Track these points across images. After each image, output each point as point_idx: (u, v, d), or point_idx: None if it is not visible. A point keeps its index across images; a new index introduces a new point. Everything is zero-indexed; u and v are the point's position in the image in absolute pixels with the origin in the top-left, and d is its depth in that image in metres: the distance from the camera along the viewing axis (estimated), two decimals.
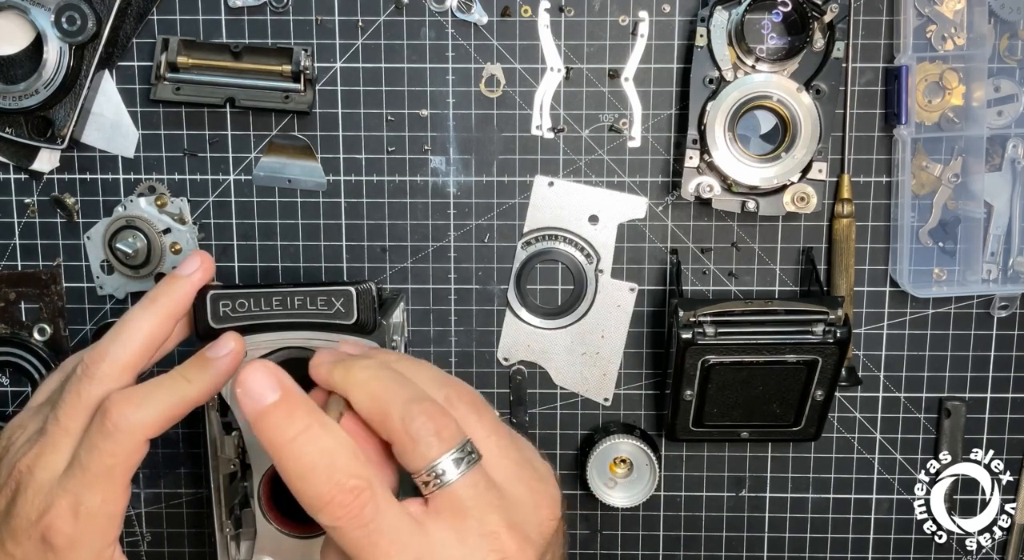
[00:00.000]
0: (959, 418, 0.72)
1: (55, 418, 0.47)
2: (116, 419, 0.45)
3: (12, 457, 0.48)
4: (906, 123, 0.66)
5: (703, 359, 0.64)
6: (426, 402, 0.43)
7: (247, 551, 0.61)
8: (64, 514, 0.45)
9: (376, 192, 0.70)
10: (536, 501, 0.44)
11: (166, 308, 0.51)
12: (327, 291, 0.54)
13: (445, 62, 0.69)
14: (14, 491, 0.47)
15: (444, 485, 0.42)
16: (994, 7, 0.66)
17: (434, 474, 0.42)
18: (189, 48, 0.68)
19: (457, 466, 0.42)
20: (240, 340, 0.50)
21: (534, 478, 0.45)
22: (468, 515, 0.42)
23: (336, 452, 0.42)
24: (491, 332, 0.72)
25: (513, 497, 0.44)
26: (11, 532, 0.46)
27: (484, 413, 0.45)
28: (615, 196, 0.70)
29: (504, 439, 0.45)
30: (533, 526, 0.44)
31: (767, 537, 0.75)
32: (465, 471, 0.42)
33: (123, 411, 0.45)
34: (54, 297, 0.72)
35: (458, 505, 0.42)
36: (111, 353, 0.48)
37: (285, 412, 0.42)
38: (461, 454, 0.42)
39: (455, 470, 0.42)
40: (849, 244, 0.69)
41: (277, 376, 0.43)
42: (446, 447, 0.42)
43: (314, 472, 0.41)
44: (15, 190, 0.71)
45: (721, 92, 0.65)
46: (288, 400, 0.42)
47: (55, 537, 0.45)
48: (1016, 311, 0.71)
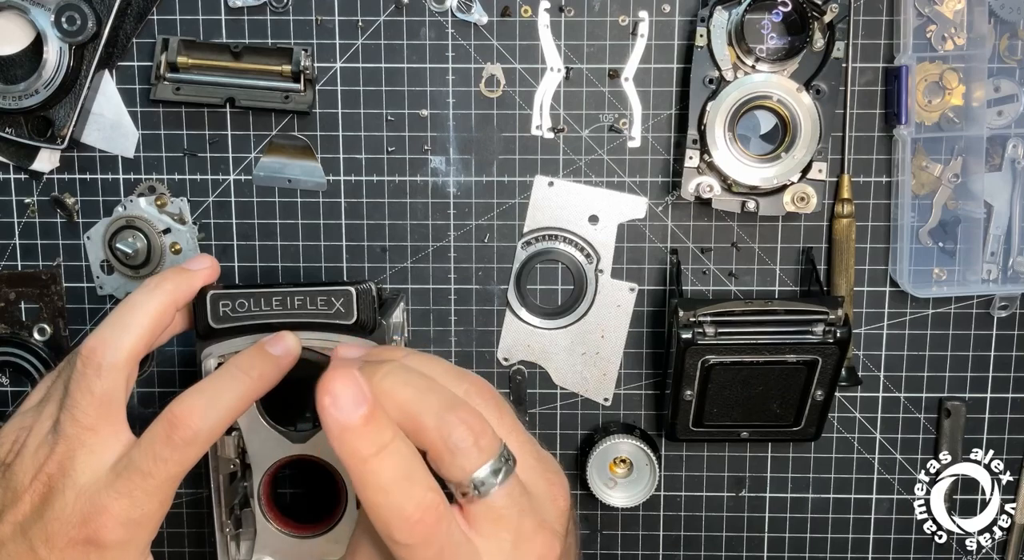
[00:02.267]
0: (959, 418, 0.72)
1: (73, 418, 0.46)
2: (185, 434, 0.45)
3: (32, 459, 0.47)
4: (906, 123, 0.66)
5: (703, 359, 0.64)
6: (461, 409, 0.41)
7: (247, 551, 0.61)
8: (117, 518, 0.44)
9: (376, 192, 0.70)
10: (553, 493, 0.44)
11: (171, 295, 0.50)
12: (327, 291, 0.54)
13: (445, 62, 0.69)
14: (44, 495, 0.45)
15: (485, 494, 0.40)
16: (994, 7, 0.66)
17: (473, 486, 0.40)
18: (189, 48, 0.68)
19: (495, 476, 0.40)
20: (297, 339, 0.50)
21: (549, 470, 0.44)
22: (505, 521, 0.41)
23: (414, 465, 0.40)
24: (491, 332, 0.72)
25: (537, 494, 0.43)
26: (46, 536, 0.45)
27: (504, 410, 0.44)
28: (615, 196, 0.70)
29: (523, 435, 0.44)
30: (555, 519, 0.43)
31: (767, 537, 0.75)
32: (503, 481, 0.40)
33: (192, 425, 0.45)
34: (54, 297, 0.72)
35: (495, 513, 0.41)
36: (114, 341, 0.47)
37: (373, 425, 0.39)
38: (499, 463, 0.40)
39: (494, 480, 0.40)
40: (849, 244, 0.69)
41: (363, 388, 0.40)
42: (486, 458, 0.40)
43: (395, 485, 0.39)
44: (15, 190, 0.71)
45: (721, 92, 0.65)
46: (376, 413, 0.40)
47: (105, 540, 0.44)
48: (1016, 311, 0.71)
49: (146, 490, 0.45)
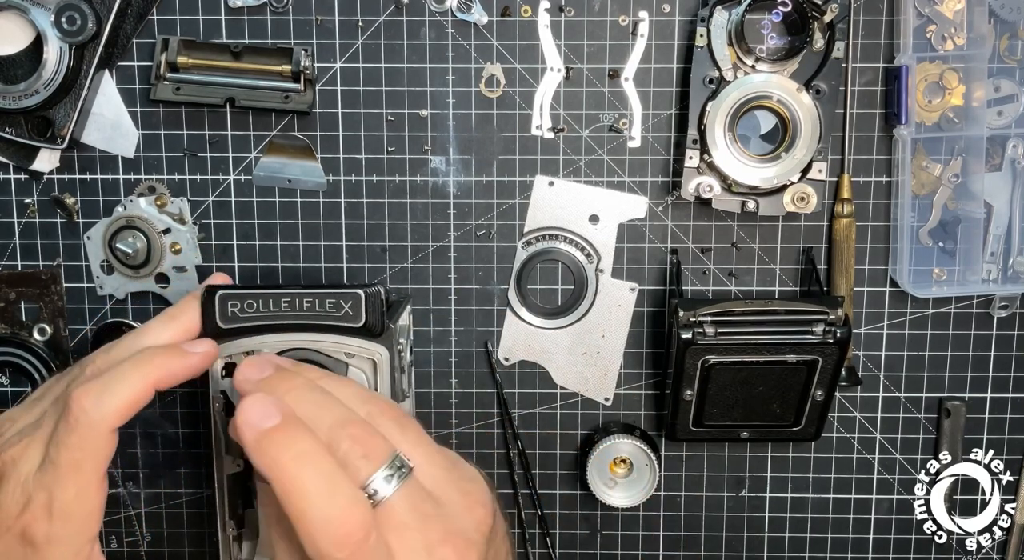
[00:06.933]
0: (959, 418, 0.72)
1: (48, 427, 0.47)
2: (77, 413, 0.45)
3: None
4: (906, 123, 0.66)
5: (703, 359, 0.64)
6: (351, 425, 0.43)
7: (249, 551, 0.61)
8: (40, 511, 0.45)
9: (376, 192, 0.70)
10: (468, 503, 0.45)
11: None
12: (336, 293, 0.54)
13: (445, 62, 0.69)
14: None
15: (380, 502, 0.42)
16: (994, 7, 0.66)
17: (367, 495, 0.42)
18: (189, 48, 0.68)
19: (388, 482, 0.42)
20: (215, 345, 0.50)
21: (464, 479, 0.46)
22: (409, 528, 0.42)
23: (338, 476, 0.41)
24: (491, 332, 0.72)
25: (447, 503, 0.44)
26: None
27: (408, 426, 0.46)
28: (615, 196, 0.70)
29: (430, 447, 0.46)
30: (471, 528, 0.44)
31: (767, 537, 0.75)
32: (398, 486, 0.42)
33: (83, 405, 0.45)
34: (54, 297, 0.72)
35: (398, 520, 0.42)
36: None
37: (286, 434, 0.41)
38: (391, 470, 0.42)
39: (387, 486, 0.42)
40: (849, 244, 0.69)
41: (277, 404, 0.43)
42: (375, 467, 0.42)
43: (317, 493, 0.40)
44: (15, 190, 0.71)
45: (721, 92, 0.65)
46: (289, 423, 0.42)
47: (33, 534, 0.45)
48: (1016, 311, 0.71)
49: (56, 479, 0.45)
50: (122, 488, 0.74)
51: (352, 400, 0.46)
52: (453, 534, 0.43)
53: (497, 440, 0.73)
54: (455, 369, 0.72)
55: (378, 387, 0.56)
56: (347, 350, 0.55)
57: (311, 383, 0.45)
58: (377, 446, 0.43)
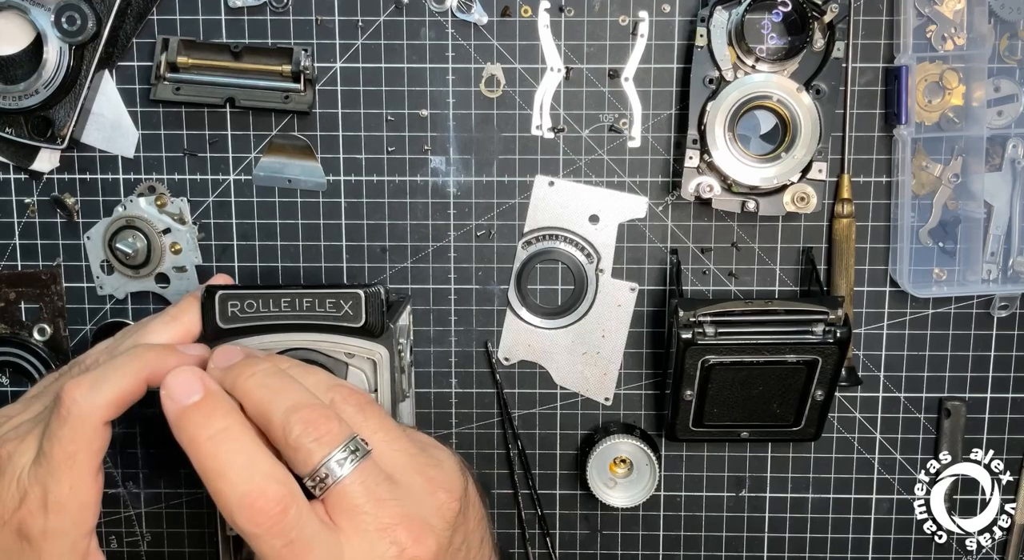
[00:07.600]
0: (959, 418, 0.72)
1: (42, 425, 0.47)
2: (68, 405, 0.45)
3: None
4: (906, 123, 0.66)
5: (703, 359, 0.64)
6: (305, 409, 0.43)
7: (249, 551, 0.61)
8: (35, 505, 0.45)
9: (376, 192, 0.70)
10: (431, 488, 0.45)
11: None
12: (336, 293, 0.54)
13: (445, 62, 0.69)
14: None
15: (331, 486, 0.42)
16: (994, 7, 0.66)
17: (319, 478, 0.42)
18: (189, 48, 0.68)
19: (341, 466, 0.42)
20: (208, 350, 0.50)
21: (428, 464, 0.46)
22: (361, 510, 0.42)
23: (256, 454, 0.42)
24: (491, 332, 0.72)
25: (407, 486, 0.44)
26: None
27: (370, 411, 0.46)
28: (615, 196, 0.70)
29: (393, 432, 0.46)
30: (432, 512, 0.44)
31: (767, 537, 0.75)
32: (351, 469, 0.42)
33: (74, 396, 0.45)
34: (54, 297, 0.72)
35: (350, 503, 0.42)
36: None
37: (205, 411, 0.42)
38: (344, 453, 0.42)
39: (339, 470, 0.42)
40: (849, 244, 0.69)
41: (203, 379, 0.43)
42: (327, 450, 0.42)
43: (233, 471, 0.41)
44: (15, 190, 0.71)
45: (721, 92, 0.65)
46: (210, 400, 0.42)
47: (29, 528, 0.45)
48: (1016, 311, 0.71)
49: (50, 472, 0.45)
50: (122, 488, 0.74)
51: (316, 387, 0.46)
52: (409, 518, 0.43)
53: (497, 440, 0.73)
54: (455, 369, 0.72)
55: (378, 387, 0.56)
56: (347, 350, 0.55)
57: (274, 368, 0.46)
58: (330, 430, 0.43)
